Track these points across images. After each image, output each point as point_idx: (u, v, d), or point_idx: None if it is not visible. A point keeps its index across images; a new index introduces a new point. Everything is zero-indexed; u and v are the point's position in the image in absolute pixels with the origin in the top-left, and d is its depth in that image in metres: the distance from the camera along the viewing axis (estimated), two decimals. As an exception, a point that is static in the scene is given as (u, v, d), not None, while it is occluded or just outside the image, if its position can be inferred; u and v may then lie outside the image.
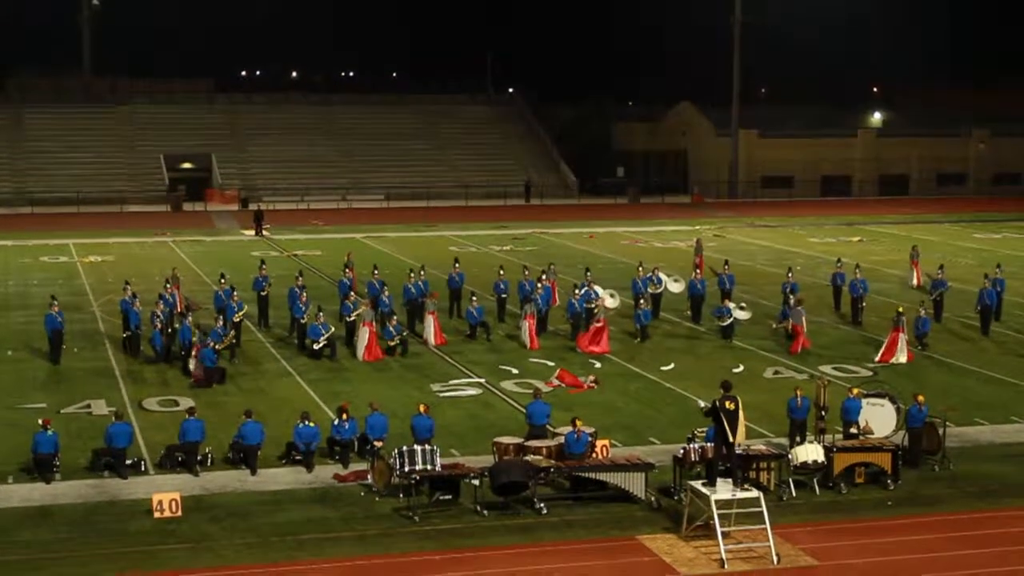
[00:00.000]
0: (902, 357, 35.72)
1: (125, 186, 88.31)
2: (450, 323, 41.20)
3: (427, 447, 23.91)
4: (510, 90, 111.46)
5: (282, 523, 22.73)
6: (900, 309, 37.06)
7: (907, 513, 23.36)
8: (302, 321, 37.43)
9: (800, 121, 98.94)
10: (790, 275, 43.07)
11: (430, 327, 38.00)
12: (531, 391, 29.10)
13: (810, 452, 24.47)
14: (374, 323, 36.52)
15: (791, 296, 39.71)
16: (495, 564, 20.92)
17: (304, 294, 38.38)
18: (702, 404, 23.70)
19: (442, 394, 32.18)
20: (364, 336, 36.07)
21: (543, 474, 23.66)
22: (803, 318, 37.68)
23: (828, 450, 24.60)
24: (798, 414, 26.55)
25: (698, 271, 45.17)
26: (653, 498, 23.64)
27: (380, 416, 26.34)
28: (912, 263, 50.39)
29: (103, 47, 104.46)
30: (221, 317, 36.36)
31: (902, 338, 35.94)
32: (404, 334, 37.15)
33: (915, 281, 49.47)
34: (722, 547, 20.87)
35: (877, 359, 35.65)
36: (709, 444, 22.97)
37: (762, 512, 21.25)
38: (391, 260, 55.32)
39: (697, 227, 71.89)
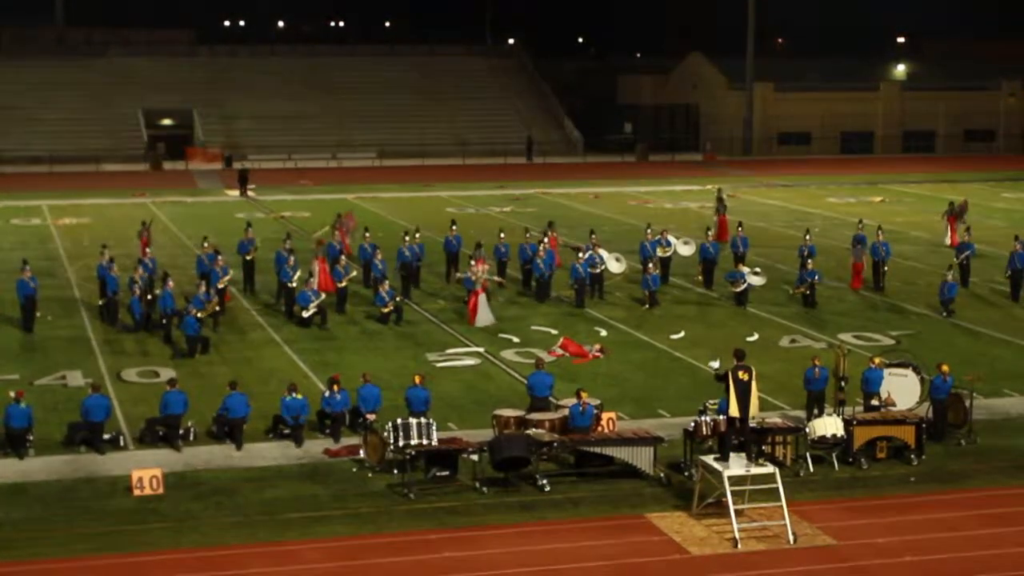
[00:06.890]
0: None
1: (101, 144, 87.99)
2: (447, 289, 41.31)
3: (423, 420, 23.92)
4: (510, 41, 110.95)
5: (270, 500, 22.78)
6: None
7: (931, 490, 23.40)
8: (290, 286, 37.45)
9: (819, 74, 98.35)
10: (808, 237, 43.01)
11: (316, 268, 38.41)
12: (533, 361, 29.09)
13: (829, 425, 24.49)
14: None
15: (809, 260, 39.75)
16: (495, 544, 20.96)
17: (292, 258, 38.38)
18: (716, 366, 23.52)
19: (439, 364, 32.21)
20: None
21: (546, 449, 23.70)
22: (863, 256, 41.42)
23: (848, 423, 24.62)
24: (816, 385, 26.56)
25: (712, 230, 44.98)
26: (662, 474, 23.69)
27: (373, 387, 26.38)
28: (948, 219, 50.01)
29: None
30: (204, 283, 36.34)
31: None
32: (398, 300, 37.25)
33: (949, 240, 49.04)
34: (735, 526, 20.92)
35: None
36: (721, 417, 22.97)
37: (778, 489, 21.28)
38: (384, 222, 55.24)
39: (708, 187, 71.66)
